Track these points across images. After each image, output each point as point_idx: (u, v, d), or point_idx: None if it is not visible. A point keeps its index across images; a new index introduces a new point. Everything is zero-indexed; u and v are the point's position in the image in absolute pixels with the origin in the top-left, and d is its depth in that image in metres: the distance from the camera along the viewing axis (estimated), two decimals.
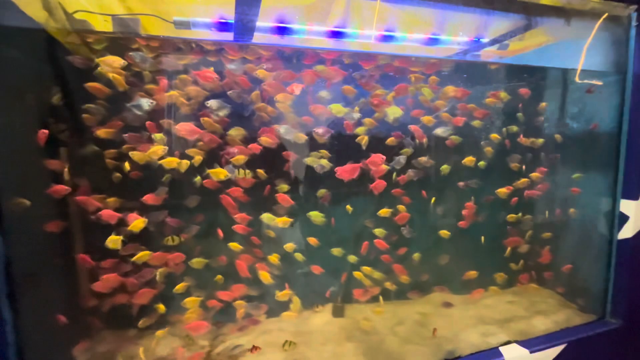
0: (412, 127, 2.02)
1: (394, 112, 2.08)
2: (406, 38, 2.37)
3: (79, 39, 1.60)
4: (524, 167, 2.29)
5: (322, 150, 1.86)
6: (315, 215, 1.87)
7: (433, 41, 2.41)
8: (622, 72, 2.08)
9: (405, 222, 2.20)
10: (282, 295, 1.95)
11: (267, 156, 1.90)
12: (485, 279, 2.35)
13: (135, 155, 1.45)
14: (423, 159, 1.98)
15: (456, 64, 2.30)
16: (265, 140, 1.74)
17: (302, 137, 1.86)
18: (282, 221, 1.76)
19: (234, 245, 1.74)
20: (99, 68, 1.42)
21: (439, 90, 2.13)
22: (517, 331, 2.05)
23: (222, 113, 1.76)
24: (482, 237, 2.34)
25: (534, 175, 2.28)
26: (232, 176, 1.64)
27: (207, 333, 1.90)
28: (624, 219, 2.07)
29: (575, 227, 2.43)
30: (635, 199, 2.03)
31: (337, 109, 1.73)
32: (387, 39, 2.21)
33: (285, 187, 2.03)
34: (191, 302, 1.67)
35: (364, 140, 2.05)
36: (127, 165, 1.55)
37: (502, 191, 2.14)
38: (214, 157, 1.81)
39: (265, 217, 1.77)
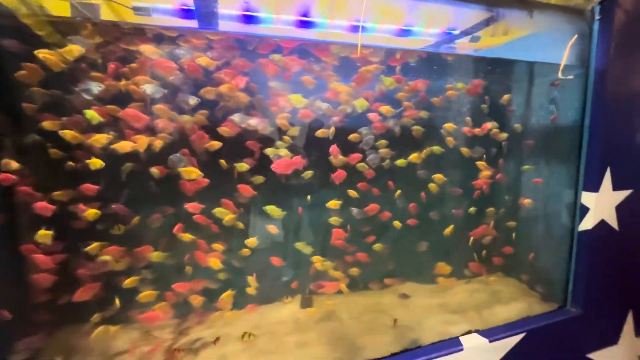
0: (372, 116, 2.00)
1: (361, 105, 2.07)
2: (376, 28, 2.37)
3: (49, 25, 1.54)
4: (484, 156, 2.30)
5: (286, 137, 1.83)
6: (273, 210, 1.85)
7: (404, 32, 2.41)
8: (585, 66, 2.10)
9: (374, 214, 2.22)
10: (226, 296, 1.91)
11: (232, 146, 1.88)
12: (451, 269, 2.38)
13: (67, 135, 1.39)
14: (384, 150, 1.98)
15: (424, 56, 2.28)
16: (225, 130, 1.71)
17: (265, 127, 1.83)
18: (230, 218, 1.74)
19: (186, 236, 1.71)
20: (36, 52, 1.36)
21: (405, 83, 2.11)
22: (479, 320, 2.09)
23: (191, 102, 1.72)
24: (451, 226, 2.36)
25: (480, 163, 2.29)
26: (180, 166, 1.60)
27: (168, 327, 1.88)
28: (584, 210, 2.12)
29: (539, 218, 2.48)
30: (596, 191, 2.07)
31: (297, 100, 1.70)
32: (356, 29, 2.20)
33: (260, 178, 2.02)
34: (147, 296, 1.65)
35: (330, 131, 2.04)
36: (96, 162, 1.50)
37: (438, 177, 2.13)
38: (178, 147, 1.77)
39: (218, 211, 1.75)
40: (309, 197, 2.14)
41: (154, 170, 1.60)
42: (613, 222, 2.13)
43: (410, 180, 2.22)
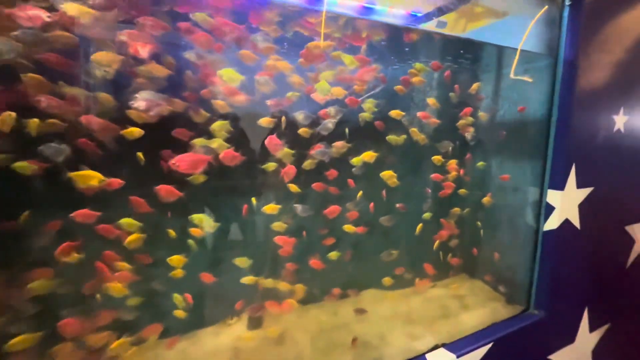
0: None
1: (323, 89, 1.74)
2: (336, 3, 2.05)
3: None
4: (450, 148, 2.10)
5: (222, 122, 1.42)
6: (201, 219, 1.47)
7: (366, 11, 2.12)
8: (554, 56, 1.98)
9: (335, 216, 1.93)
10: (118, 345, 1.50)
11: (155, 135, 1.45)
12: (411, 274, 2.19)
13: None
14: (339, 144, 1.67)
15: (388, 35, 2.00)
16: (137, 114, 1.28)
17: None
18: (134, 239, 1.33)
19: (73, 257, 1.26)
20: None
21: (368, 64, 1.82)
22: (445, 331, 1.91)
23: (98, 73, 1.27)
24: (420, 225, 2.15)
25: (436, 158, 2.09)
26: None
27: None
28: (550, 209, 2.02)
29: (505, 218, 2.38)
30: (562, 189, 1.97)
31: (229, 76, 1.33)
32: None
33: (201, 177, 1.62)
34: (23, 342, 1.19)
35: (281, 120, 1.69)
36: None
37: (388, 174, 1.85)
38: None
39: (125, 222, 1.33)
40: (254, 199, 1.79)
41: (21, 165, 1.13)
42: (575, 221, 2.06)
43: (369, 178, 1.94)
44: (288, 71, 1.52)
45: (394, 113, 1.84)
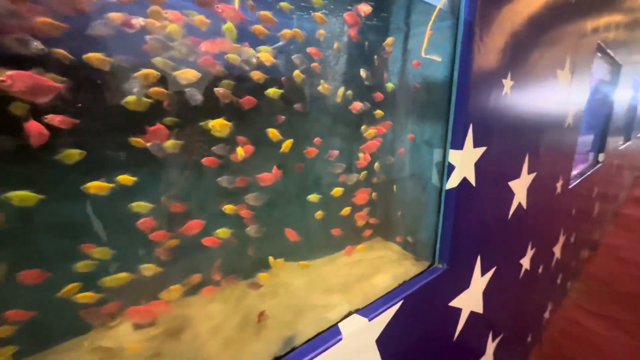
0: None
1: (231, 31, 1.39)
2: None
3: None
4: (361, 105, 2.01)
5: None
6: (21, 198, 1.06)
7: None
8: (456, 16, 1.98)
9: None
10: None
11: None
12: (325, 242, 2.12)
13: None
14: (221, 91, 1.38)
15: None
16: None
17: None
18: None
19: None
20: None
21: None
22: (359, 296, 1.90)
23: None
24: (339, 189, 2.04)
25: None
26: None
27: None
28: (451, 169, 2.11)
29: (414, 179, 2.45)
30: (461, 148, 2.07)
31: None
32: None
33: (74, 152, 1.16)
34: None
35: (191, 76, 1.30)
36: None
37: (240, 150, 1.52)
38: None
39: None
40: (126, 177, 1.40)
41: None
42: (472, 179, 2.22)
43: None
44: None
45: (263, 57, 1.55)
